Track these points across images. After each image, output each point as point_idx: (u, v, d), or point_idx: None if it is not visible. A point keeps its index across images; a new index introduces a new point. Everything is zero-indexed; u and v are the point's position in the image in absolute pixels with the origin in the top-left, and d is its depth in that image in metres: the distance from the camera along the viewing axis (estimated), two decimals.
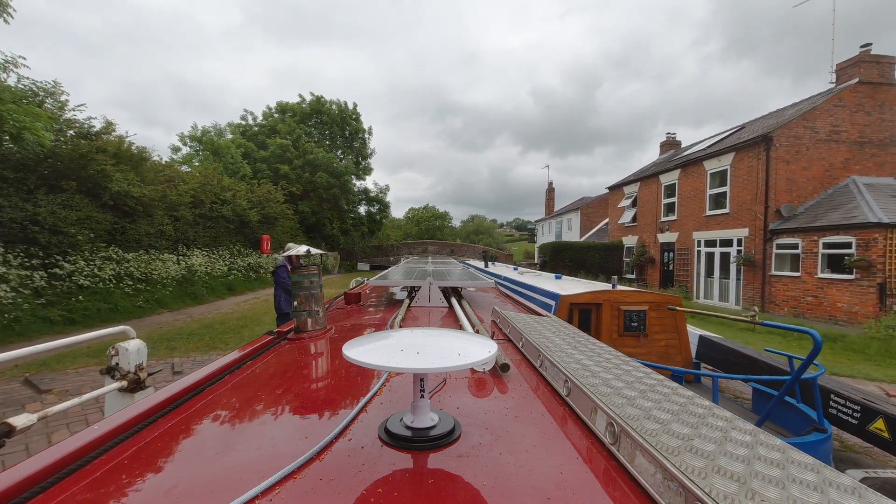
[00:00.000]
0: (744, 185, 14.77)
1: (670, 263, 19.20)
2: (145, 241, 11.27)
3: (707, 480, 0.59)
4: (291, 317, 1.85)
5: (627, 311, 5.50)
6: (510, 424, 0.92)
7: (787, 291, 13.18)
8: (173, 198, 12.64)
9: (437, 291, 2.67)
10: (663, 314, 5.66)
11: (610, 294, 5.51)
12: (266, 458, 0.76)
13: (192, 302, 11.85)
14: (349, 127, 33.60)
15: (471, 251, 40.31)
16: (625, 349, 5.42)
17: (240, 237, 17.30)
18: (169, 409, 1.00)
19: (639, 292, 5.67)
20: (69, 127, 9.44)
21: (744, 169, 14.78)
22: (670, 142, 25.03)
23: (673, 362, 5.60)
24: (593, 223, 32.66)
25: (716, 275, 16.20)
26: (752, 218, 14.40)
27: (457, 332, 1.05)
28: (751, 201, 14.43)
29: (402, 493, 0.65)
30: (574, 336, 1.54)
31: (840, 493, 0.57)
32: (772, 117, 16.70)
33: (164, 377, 5.27)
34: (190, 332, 8.00)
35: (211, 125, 23.77)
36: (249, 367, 1.38)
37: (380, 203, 36.51)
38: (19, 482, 0.67)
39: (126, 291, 9.78)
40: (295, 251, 2.22)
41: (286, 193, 21.10)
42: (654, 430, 0.74)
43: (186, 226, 13.67)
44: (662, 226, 19.49)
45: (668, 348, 5.63)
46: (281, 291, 5.87)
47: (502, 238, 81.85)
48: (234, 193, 16.64)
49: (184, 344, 7.12)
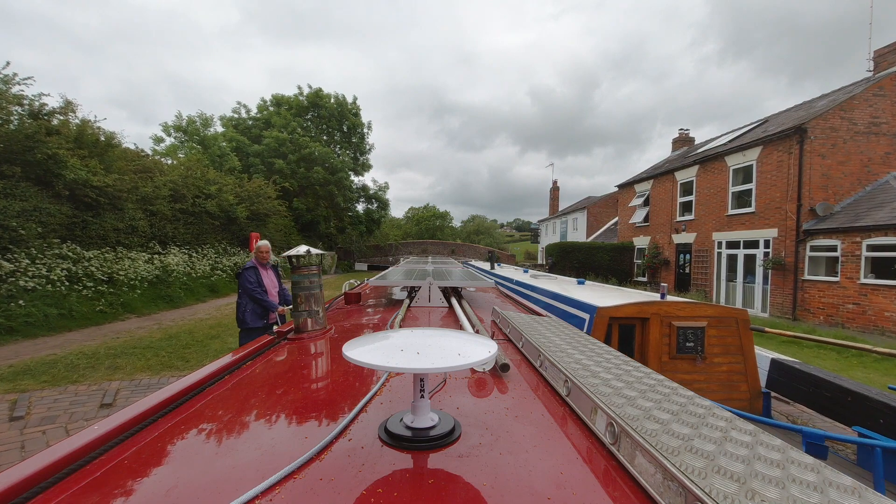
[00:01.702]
0: (772, 182, 13.57)
1: (686, 266, 18.01)
2: (112, 238, 10.05)
3: (707, 480, 0.59)
4: (291, 317, 1.82)
5: (682, 327, 4.39)
6: (510, 424, 0.92)
7: (824, 298, 11.97)
8: (147, 190, 11.43)
9: (437, 291, 2.64)
10: (725, 332, 4.54)
11: (659, 306, 4.37)
12: (266, 458, 0.76)
13: (166, 305, 10.64)
14: (348, 121, 32.37)
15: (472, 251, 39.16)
16: (677, 376, 4.25)
17: (226, 235, 16.09)
18: (169, 410, 0.99)
19: (694, 304, 4.51)
20: (11, 103, 8.04)
21: (772, 164, 13.58)
22: (683, 138, 23.85)
23: (738, 392, 4.48)
24: (600, 223, 31.46)
25: (739, 278, 15.00)
26: (782, 217, 13.20)
27: (457, 332, 1.06)
28: (781, 199, 13.23)
29: (402, 493, 0.65)
30: (574, 336, 1.53)
31: (840, 493, 0.57)
32: (800, 109, 15.51)
33: None
34: (147, 345, 6.76)
35: (196, 114, 22.35)
36: (249, 367, 1.37)
37: (379, 201, 35.30)
38: (19, 482, 0.67)
39: (84, 294, 8.57)
40: (294, 251, 2.07)
41: (279, 189, 19.84)
42: (654, 430, 0.74)
43: (164, 221, 12.46)
44: (678, 226, 18.29)
45: (731, 374, 4.54)
46: (246, 299, 4.69)
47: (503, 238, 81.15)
48: (220, 187, 15.42)
49: (132, 361, 5.89)
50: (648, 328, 4.25)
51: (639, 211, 21.52)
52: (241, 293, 4.74)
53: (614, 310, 4.31)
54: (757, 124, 17.06)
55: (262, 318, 4.71)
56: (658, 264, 19.51)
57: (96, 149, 9.64)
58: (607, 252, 21.72)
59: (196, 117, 21.55)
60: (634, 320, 4.42)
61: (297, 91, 30.35)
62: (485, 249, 40.35)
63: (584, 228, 32.03)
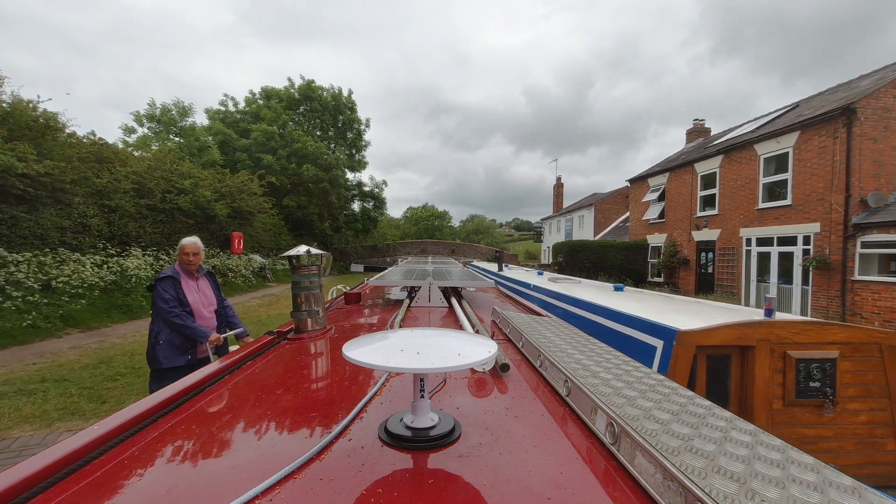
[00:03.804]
0: (813, 171, 12.08)
1: (709, 265, 16.53)
2: (54, 237, 8.52)
3: (707, 480, 0.59)
4: (291, 317, 1.80)
5: (803, 360, 2.94)
6: (510, 424, 0.91)
7: (879, 301, 10.48)
8: (102, 182, 9.90)
9: (436, 291, 2.63)
10: (863, 364, 3.19)
11: (768, 329, 2.96)
12: (266, 458, 0.76)
13: (121, 317, 9.11)
14: (343, 116, 30.83)
15: (473, 251, 37.80)
16: (796, 430, 2.92)
17: (204, 235, 14.54)
18: (169, 409, 0.99)
19: (820, 325, 3.07)
20: None
21: (813, 151, 12.09)
22: (699, 129, 22.41)
23: (881, 453, 3.03)
24: (608, 220, 29.96)
25: (772, 279, 13.51)
26: (825, 210, 11.72)
27: (457, 332, 1.05)
28: (824, 189, 11.74)
29: (402, 493, 0.65)
30: (574, 336, 1.52)
31: (840, 493, 0.57)
32: (837, 91, 14.03)
33: None
34: (61, 376, 5.18)
35: (172, 101, 20.44)
36: (249, 367, 1.37)
37: (375, 199, 33.78)
38: (19, 482, 0.67)
39: (6, 307, 7.03)
40: (294, 251, 1.81)
41: (264, 185, 18.28)
42: (654, 430, 0.73)
43: (126, 219, 10.94)
44: (699, 222, 16.81)
45: (873, 427, 3.04)
46: (160, 324, 3.20)
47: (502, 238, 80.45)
48: (196, 182, 13.88)
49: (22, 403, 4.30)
50: (752, 361, 2.90)
51: (653, 206, 20.06)
52: (154, 316, 3.25)
53: (703, 335, 2.92)
54: (787, 109, 15.58)
55: (185, 353, 3.21)
56: (676, 264, 18.04)
57: (31, 131, 8.10)
58: (620, 251, 20.23)
59: (171, 105, 19.66)
60: (730, 349, 2.98)
61: (289, 83, 28.76)
62: (486, 249, 39.03)
63: (591, 226, 30.52)
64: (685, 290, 17.49)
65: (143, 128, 18.89)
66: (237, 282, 15.27)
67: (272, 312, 10.89)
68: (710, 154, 16.24)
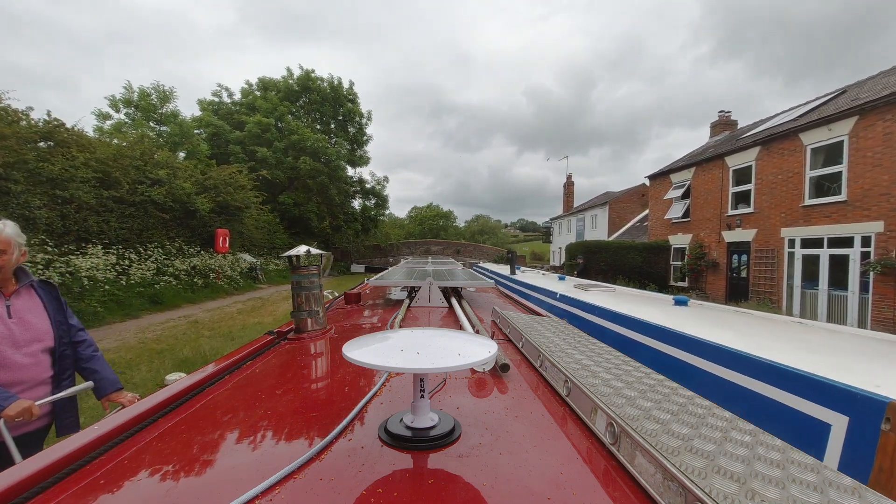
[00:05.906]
0: (876, 161, 10.45)
1: (742, 269, 14.91)
2: None
3: (707, 480, 0.59)
4: (291, 317, 1.77)
5: None
6: (510, 424, 0.91)
7: None
8: (54, 170, 8.55)
9: (437, 291, 2.63)
10: None
11: None
12: (266, 458, 0.76)
13: None
14: (343, 108, 29.47)
15: (478, 251, 36.37)
16: None
17: (183, 231, 13.21)
18: (169, 409, 0.98)
19: None
20: None
21: (875, 138, 10.46)
22: (724, 121, 20.75)
23: None
24: (623, 220, 28.29)
25: (822, 285, 11.88)
26: (890, 206, 10.10)
27: (457, 332, 1.05)
28: (889, 183, 10.12)
29: (402, 493, 0.65)
30: (574, 336, 1.51)
31: (840, 493, 0.57)
32: (893, 73, 12.36)
33: None
34: None
35: (151, 85, 18.54)
36: (249, 367, 1.36)
37: (377, 196, 32.39)
38: (19, 482, 0.67)
39: None
40: (294, 251, 1.74)
41: (255, 178, 16.89)
42: (654, 431, 0.73)
43: (86, 212, 9.58)
44: (731, 220, 15.18)
45: None
46: None
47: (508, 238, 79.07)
48: (173, 172, 12.52)
49: None
50: None
51: (676, 204, 18.43)
52: None
53: None
54: (834, 95, 13.92)
55: None
56: (703, 267, 16.43)
57: None
58: (639, 252, 18.61)
59: (150, 89, 18.09)
60: None
61: (287, 73, 27.42)
62: (491, 249, 37.58)
63: (605, 226, 28.86)
64: (714, 297, 15.86)
65: (118, 113, 17.48)
66: (221, 283, 13.91)
67: (250, 321, 9.45)
68: (745, 146, 14.61)
